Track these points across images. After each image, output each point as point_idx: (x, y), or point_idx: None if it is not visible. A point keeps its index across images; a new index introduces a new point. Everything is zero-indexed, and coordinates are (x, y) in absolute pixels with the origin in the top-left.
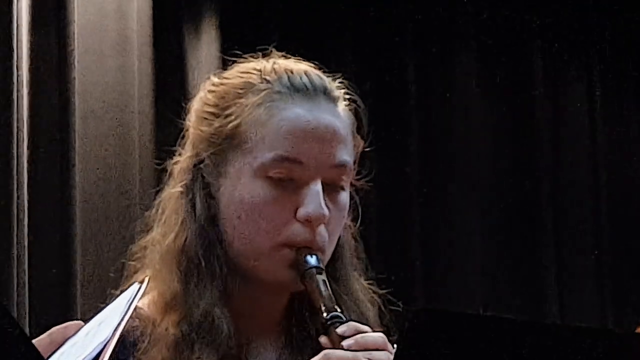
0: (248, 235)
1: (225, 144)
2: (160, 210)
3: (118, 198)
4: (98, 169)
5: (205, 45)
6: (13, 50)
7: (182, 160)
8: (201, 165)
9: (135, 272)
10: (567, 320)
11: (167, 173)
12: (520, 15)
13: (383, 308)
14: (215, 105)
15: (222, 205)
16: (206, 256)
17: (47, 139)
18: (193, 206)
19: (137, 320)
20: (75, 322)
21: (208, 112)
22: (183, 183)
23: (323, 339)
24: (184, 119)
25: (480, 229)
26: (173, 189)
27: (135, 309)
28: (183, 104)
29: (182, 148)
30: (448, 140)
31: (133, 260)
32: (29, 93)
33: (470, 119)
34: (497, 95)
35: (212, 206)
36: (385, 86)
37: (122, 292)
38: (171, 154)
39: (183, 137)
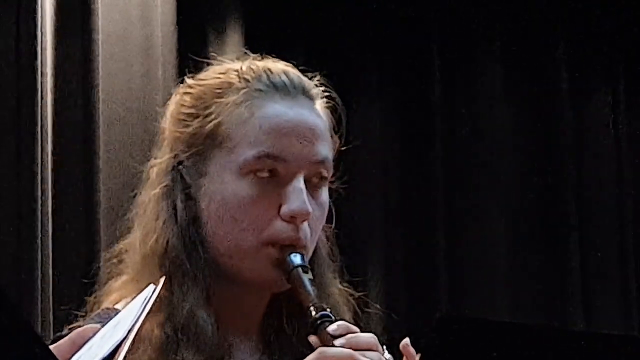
0: (231, 234)
1: (205, 143)
2: (139, 213)
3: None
4: (122, 175)
5: (229, 52)
6: (37, 57)
7: (159, 163)
8: (180, 167)
9: (114, 276)
10: (592, 327)
11: (144, 176)
12: (545, 25)
13: (358, 310)
14: (193, 106)
15: (203, 206)
16: (189, 258)
17: (72, 145)
18: (174, 208)
19: None
20: (93, 325)
21: (186, 113)
22: (163, 185)
23: (313, 338)
24: None
25: (505, 237)
26: (152, 191)
27: (115, 313)
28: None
29: (159, 150)
30: (473, 150)
31: (112, 264)
32: (53, 99)
33: (495, 129)
34: (522, 105)
35: (193, 207)
36: (410, 96)
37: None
38: None
39: (156, 140)
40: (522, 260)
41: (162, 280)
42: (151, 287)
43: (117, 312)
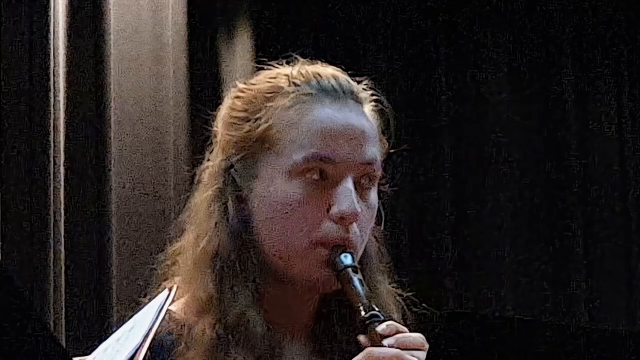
0: (282, 235)
1: (256, 146)
2: (192, 215)
3: (153, 202)
4: (133, 173)
5: (239, 54)
6: (50, 57)
7: (211, 166)
8: (232, 169)
9: (168, 278)
10: (595, 322)
11: (196, 179)
12: (551, 29)
13: (407, 310)
14: (244, 110)
15: (254, 207)
16: (240, 259)
17: (83, 142)
18: (225, 210)
19: (172, 323)
20: None
21: (237, 117)
22: (214, 187)
23: (362, 338)
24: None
25: (510, 234)
26: (204, 194)
27: (167, 313)
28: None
29: (210, 153)
30: (480, 147)
31: (165, 266)
32: (65, 98)
33: (501, 128)
34: (529, 107)
35: (244, 209)
36: (419, 96)
37: (150, 299)
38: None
39: (209, 143)
40: (527, 257)
41: (175, 287)
42: (165, 292)
43: (168, 312)
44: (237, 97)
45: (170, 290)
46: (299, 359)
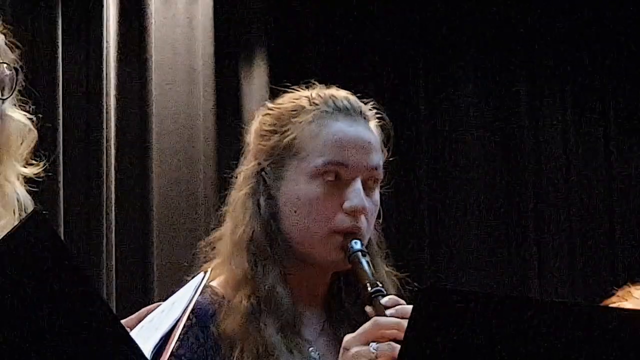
0: (304, 225)
1: (283, 154)
2: (230, 210)
3: (186, 199)
4: (171, 173)
5: (257, 78)
6: (103, 81)
7: (245, 169)
8: (263, 172)
9: (207, 260)
10: (545, 293)
11: (234, 179)
12: (509, 57)
13: (401, 288)
14: (273, 125)
15: (281, 203)
16: (270, 244)
17: (130, 151)
18: (258, 205)
19: (214, 296)
20: (155, 304)
21: (267, 130)
22: (249, 187)
23: (368, 309)
24: (240, 135)
25: (476, 227)
26: (240, 192)
27: (209, 288)
28: (238, 124)
29: (244, 159)
30: (451, 154)
31: (206, 250)
32: (116, 115)
33: (469, 142)
34: (491, 124)
35: (273, 204)
36: (401, 113)
37: (192, 277)
38: (229, 163)
39: (243, 151)
40: (489, 243)
41: (209, 270)
42: (200, 274)
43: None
44: (267, 114)
45: (205, 273)
46: (316, 326)
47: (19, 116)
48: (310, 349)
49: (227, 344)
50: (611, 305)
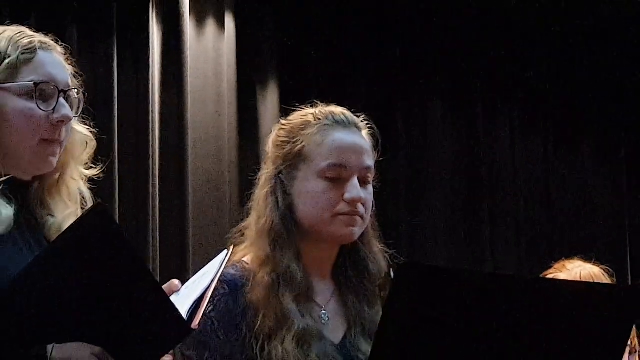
0: (314, 213)
1: (295, 159)
2: (254, 205)
3: (215, 196)
4: (203, 177)
5: (270, 99)
6: (149, 101)
7: (266, 173)
8: (280, 175)
9: (238, 243)
10: (497, 267)
11: (257, 181)
12: (469, 84)
13: (390, 261)
14: (286, 136)
15: (295, 198)
16: (286, 231)
17: (170, 158)
18: (276, 200)
19: (244, 271)
20: (175, 280)
21: (282, 141)
22: (269, 186)
23: None
24: (257, 145)
25: (443, 215)
26: (262, 191)
27: (241, 264)
28: (256, 136)
29: (265, 164)
30: (424, 163)
31: (236, 236)
32: (159, 129)
33: (438, 149)
34: (456, 136)
35: (288, 199)
36: (383, 127)
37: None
38: (250, 168)
39: (263, 158)
40: (454, 228)
41: (231, 248)
42: (225, 251)
43: (242, 262)
44: (281, 128)
45: (228, 250)
46: (326, 294)
47: (82, 129)
48: (322, 312)
49: (252, 310)
50: (548, 276)
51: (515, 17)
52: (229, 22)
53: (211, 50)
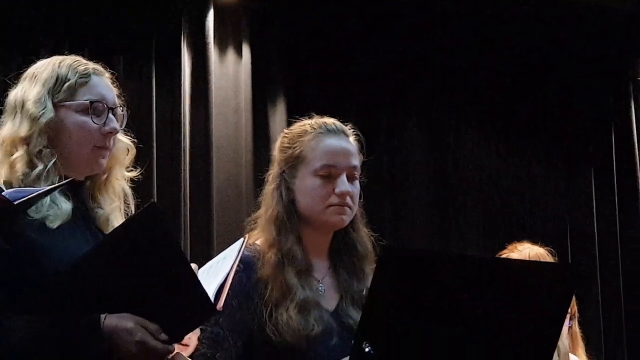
0: (311, 205)
1: (295, 161)
2: (263, 199)
3: (234, 192)
4: (225, 176)
5: (279, 112)
6: (181, 114)
7: (272, 172)
8: (283, 174)
9: (252, 229)
10: (466, 249)
11: (266, 179)
12: (439, 103)
13: (375, 244)
14: (288, 143)
15: (295, 193)
16: (289, 219)
17: (198, 162)
18: (280, 194)
19: (256, 253)
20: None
21: (285, 146)
22: (275, 183)
23: None
24: (269, 150)
25: (419, 208)
26: (269, 187)
27: (254, 246)
28: (268, 143)
29: (272, 165)
30: (401, 161)
31: (250, 225)
32: (189, 137)
33: (414, 154)
34: (426, 139)
35: (290, 194)
36: (369, 135)
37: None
38: (263, 169)
39: (271, 160)
40: (428, 217)
41: (247, 236)
42: (242, 239)
43: (254, 245)
44: (284, 136)
45: (245, 238)
46: (322, 270)
47: (125, 139)
48: (319, 285)
49: (263, 283)
50: (503, 256)
51: (473, 47)
52: (246, 50)
53: (231, 73)
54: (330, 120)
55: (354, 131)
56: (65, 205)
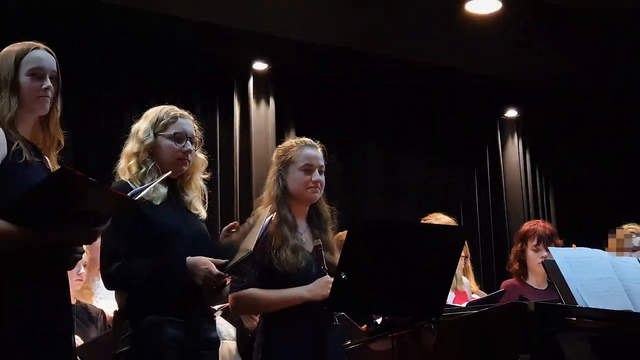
0: (298, 189)
1: (286, 163)
2: (266, 187)
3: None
4: (261, 183)
5: (291, 139)
6: (234, 142)
7: (272, 170)
8: (279, 171)
9: (259, 205)
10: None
11: (268, 174)
12: (394, 131)
13: (333, 215)
14: (282, 153)
15: (287, 181)
16: (283, 199)
17: (244, 172)
18: (278, 183)
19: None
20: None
21: (279, 155)
22: (275, 177)
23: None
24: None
25: (378, 200)
26: (271, 179)
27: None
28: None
29: (272, 167)
30: (363, 174)
31: (257, 204)
32: (239, 158)
33: (371, 166)
34: (379, 157)
35: (284, 183)
36: (346, 151)
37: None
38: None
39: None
40: (382, 203)
41: (275, 213)
42: (271, 215)
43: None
44: (279, 149)
45: (271, 213)
46: (303, 227)
47: (201, 155)
48: (302, 236)
49: (270, 236)
50: (427, 221)
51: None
52: (272, 101)
53: (263, 115)
54: (307, 139)
55: (321, 146)
56: (163, 190)
